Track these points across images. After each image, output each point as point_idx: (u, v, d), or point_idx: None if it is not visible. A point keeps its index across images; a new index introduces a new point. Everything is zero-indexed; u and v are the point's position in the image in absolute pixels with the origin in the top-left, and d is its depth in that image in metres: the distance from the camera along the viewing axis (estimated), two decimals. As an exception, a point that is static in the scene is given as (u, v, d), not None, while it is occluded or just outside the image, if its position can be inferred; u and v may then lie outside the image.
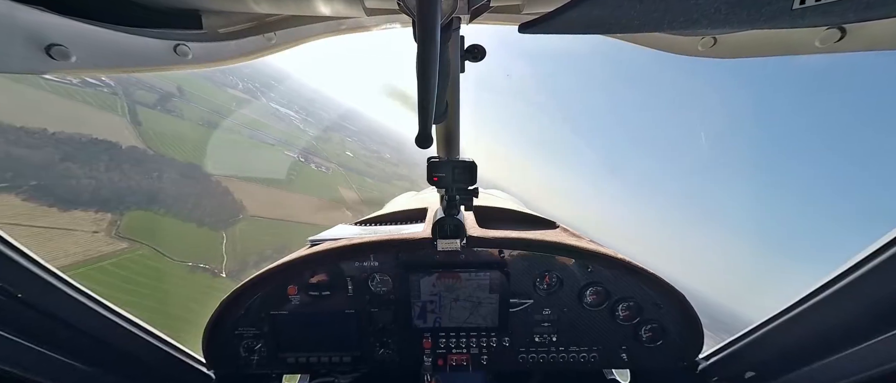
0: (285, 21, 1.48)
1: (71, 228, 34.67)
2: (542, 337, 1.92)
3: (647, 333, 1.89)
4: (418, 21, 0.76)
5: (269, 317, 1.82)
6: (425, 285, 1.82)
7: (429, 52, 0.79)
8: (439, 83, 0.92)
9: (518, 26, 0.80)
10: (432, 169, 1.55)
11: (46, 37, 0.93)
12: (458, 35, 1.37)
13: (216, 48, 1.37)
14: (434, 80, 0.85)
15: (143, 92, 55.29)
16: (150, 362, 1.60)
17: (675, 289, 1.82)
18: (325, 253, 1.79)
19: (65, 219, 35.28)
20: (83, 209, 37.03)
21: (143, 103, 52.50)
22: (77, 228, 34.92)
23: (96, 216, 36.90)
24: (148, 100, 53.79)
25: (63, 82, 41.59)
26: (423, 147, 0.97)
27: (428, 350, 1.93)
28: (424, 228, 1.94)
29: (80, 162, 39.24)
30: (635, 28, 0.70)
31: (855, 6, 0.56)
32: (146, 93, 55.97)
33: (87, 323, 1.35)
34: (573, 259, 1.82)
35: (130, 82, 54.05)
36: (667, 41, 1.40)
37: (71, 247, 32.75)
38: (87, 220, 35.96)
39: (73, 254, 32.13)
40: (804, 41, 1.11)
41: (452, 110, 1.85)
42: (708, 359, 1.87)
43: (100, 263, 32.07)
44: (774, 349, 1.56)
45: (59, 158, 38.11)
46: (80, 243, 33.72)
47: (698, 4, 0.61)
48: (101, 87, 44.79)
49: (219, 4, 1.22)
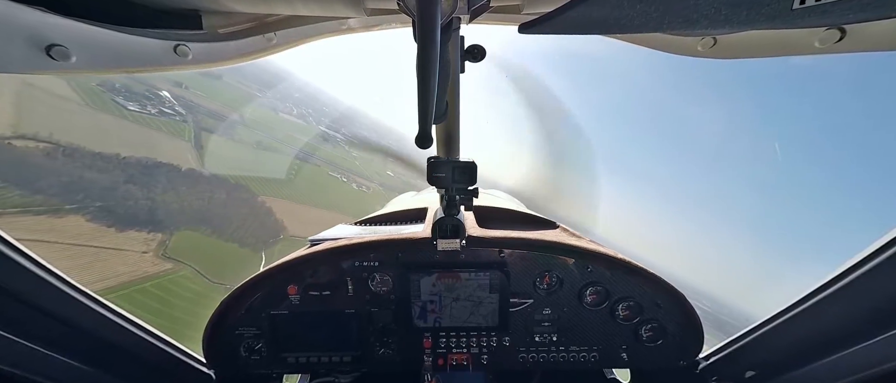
0: (285, 21, 1.48)
1: (123, 249, 35.67)
2: (542, 336, 1.93)
3: (648, 333, 1.89)
4: (418, 21, 0.76)
5: (269, 317, 1.82)
6: (425, 285, 1.82)
7: (429, 52, 0.79)
8: (439, 83, 0.92)
9: (518, 26, 0.80)
10: (432, 169, 1.55)
11: (46, 37, 0.93)
12: (458, 35, 1.37)
13: (216, 48, 1.37)
14: (434, 79, 0.85)
15: (210, 119, 58.03)
16: (150, 362, 1.60)
17: (676, 289, 1.82)
18: (325, 252, 1.79)
19: (120, 238, 36.45)
20: (137, 229, 38.15)
21: (208, 129, 54.77)
22: (129, 249, 35.92)
23: (148, 236, 37.96)
24: (212, 127, 56.26)
25: (142, 112, 43.71)
26: (423, 147, 0.97)
27: (428, 349, 1.93)
28: (424, 228, 1.94)
29: (141, 184, 40.86)
30: (635, 28, 0.70)
31: (855, 6, 0.56)
32: (212, 120, 58.65)
33: (87, 323, 1.35)
34: (573, 259, 1.82)
35: (200, 111, 56.52)
36: (667, 41, 1.40)
37: (120, 267, 33.56)
38: (139, 240, 37.11)
39: (121, 274, 32.92)
40: (804, 41, 1.10)
41: (452, 110, 1.85)
42: (708, 359, 1.87)
43: (143, 284, 32.71)
44: (774, 349, 1.56)
45: (123, 181, 39.62)
46: (128, 263, 34.60)
47: (698, 4, 0.61)
48: (173, 116, 46.85)
49: (219, 4, 1.22)
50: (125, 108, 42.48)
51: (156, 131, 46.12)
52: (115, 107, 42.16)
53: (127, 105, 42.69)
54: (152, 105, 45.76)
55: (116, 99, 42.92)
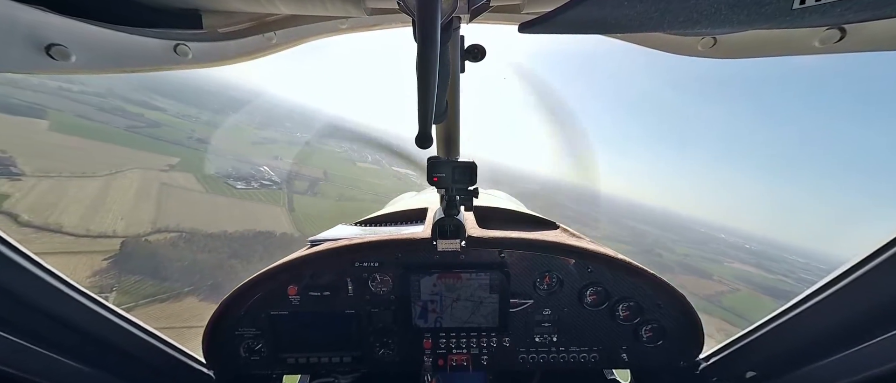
0: (285, 21, 1.48)
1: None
2: (542, 337, 1.92)
3: (648, 333, 1.89)
4: (418, 21, 0.76)
5: (269, 318, 1.82)
6: (425, 285, 1.82)
7: (429, 52, 0.79)
8: (439, 83, 0.92)
9: (518, 26, 0.80)
10: (432, 169, 1.55)
11: (46, 37, 0.93)
12: (458, 35, 1.37)
13: (216, 48, 1.37)
14: (434, 79, 0.85)
15: (299, 182, 61.08)
16: (150, 362, 1.60)
17: (676, 290, 1.82)
18: (325, 253, 1.79)
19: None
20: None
21: (298, 191, 57.45)
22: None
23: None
24: (301, 188, 58.64)
25: (248, 188, 47.15)
26: (422, 147, 0.97)
27: (428, 350, 1.93)
28: (424, 228, 1.94)
29: (242, 257, 43.14)
30: (635, 28, 0.70)
31: (855, 6, 0.56)
32: (301, 182, 61.82)
33: (87, 323, 1.35)
34: (573, 259, 1.82)
35: (289, 175, 60.31)
36: (667, 41, 1.40)
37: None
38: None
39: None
40: (804, 41, 1.10)
41: (452, 110, 1.85)
42: (708, 359, 1.87)
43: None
44: (775, 349, 1.56)
45: (227, 256, 41.60)
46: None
47: (698, 4, 0.61)
48: (270, 186, 51.38)
49: (219, 4, 1.22)
50: (234, 188, 45.82)
51: (257, 202, 49.20)
52: (227, 188, 45.17)
53: (236, 184, 46.41)
54: (255, 180, 49.61)
55: (228, 181, 46.24)
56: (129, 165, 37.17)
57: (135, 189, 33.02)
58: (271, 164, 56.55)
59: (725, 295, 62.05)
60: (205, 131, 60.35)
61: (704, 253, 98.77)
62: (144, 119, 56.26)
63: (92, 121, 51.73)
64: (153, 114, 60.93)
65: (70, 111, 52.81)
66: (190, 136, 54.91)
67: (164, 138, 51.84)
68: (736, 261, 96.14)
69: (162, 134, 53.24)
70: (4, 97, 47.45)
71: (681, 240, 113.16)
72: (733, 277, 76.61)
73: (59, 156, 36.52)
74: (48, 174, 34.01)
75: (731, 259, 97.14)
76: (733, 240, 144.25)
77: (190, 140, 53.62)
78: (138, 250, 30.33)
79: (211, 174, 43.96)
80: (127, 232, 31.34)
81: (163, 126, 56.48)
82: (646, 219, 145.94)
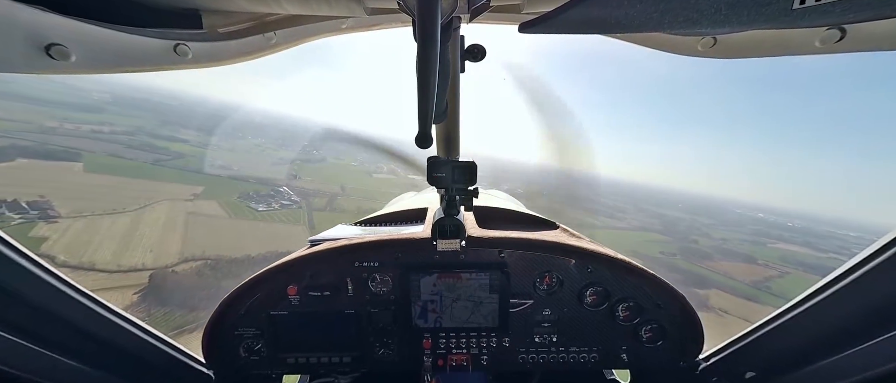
0: (285, 21, 1.48)
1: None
2: (542, 337, 1.92)
3: (647, 333, 1.89)
4: (418, 21, 0.76)
5: (268, 318, 1.82)
6: (425, 285, 1.82)
7: (429, 52, 0.79)
8: (439, 83, 0.92)
9: (518, 26, 0.80)
10: (432, 168, 1.55)
11: (46, 37, 0.93)
12: (458, 35, 1.37)
13: (216, 48, 1.37)
14: (434, 79, 0.85)
15: (317, 199, 61.73)
16: (149, 362, 1.60)
17: (675, 290, 1.82)
18: (325, 253, 1.79)
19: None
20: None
21: (317, 208, 58.64)
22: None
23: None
24: (320, 205, 59.61)
25: (269, 209, 47.93)
26: (422, 147, 0.97)
27: (428, 350, 1.93)
28: (424, 228, 1.94)
29: None
30: (635, 28, 0.70)
31: (855, 6, 0.56)
32: (320, 199, 62.52)
33: (86, 322, 1.35)
34: (573, 259, 1.82)
35: (308, 193, 60.78)
36: (667, 41, 1.40)
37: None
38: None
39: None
40: (804, 41, 1.11)
41: (452, 110, 1.84)
42: (708, 360, 1.87)
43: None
44: (775, 349, 1.56)
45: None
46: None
47: (698, 4, 0.61)
48: (291, 205, 52.27)
49: (219, 4, 1.22)
50: (256, 210, 46.16)
51: (278, 223, 50.14)
52: (249, 211, 45.53)
53: (257, 207, 46.75)
54: (275, 200, 50.02)
55: (250, 205, 46.67)
56: (157, 197, 37.73)
57: (163, 221, 33.45)
58: (291, 184, 57.77)
59: (774, 280, 56.86)
60: (227, 157, 61.36)
61: (744, 235, 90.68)
62: (170, 151, 57.58)
63: (122, 158, 53.23)
64: (177, 146, 62.30)
65: (102, 151, 54.23)
66: (212, 164, 55.66)
67: (188, 168, 52.86)
68: (780, 241, 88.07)
69: (186, 164, 54.30)
70: (43, 144, 48.62)
71: (716, 223, 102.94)
72: (780, 260, 70.61)
73: (92, 195, 37.14)
74: (82, 214, 34.48)
75: (775, 239, 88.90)
76: (773, 220, 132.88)
77: (212, 167, 54.35)
78: (166, 281, 30.74)
79: (233, 199, 44.64)
80: (156, 263, 31.77)
81: (187, 157, 57.50)
82: (674, 205, 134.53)
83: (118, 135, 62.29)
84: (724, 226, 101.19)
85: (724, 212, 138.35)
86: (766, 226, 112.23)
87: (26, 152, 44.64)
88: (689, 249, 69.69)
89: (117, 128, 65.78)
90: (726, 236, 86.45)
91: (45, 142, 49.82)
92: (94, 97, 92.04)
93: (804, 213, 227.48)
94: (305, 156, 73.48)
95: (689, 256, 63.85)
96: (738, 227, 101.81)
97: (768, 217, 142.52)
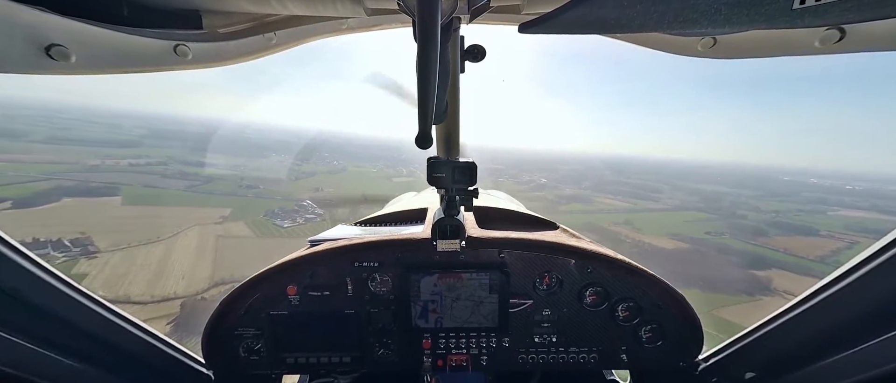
0: (285, 21, 1.49)
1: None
2: (541, 337, 1.92)
3: (647, 334, 1.89)
4: (418, 21, 0.76)
5: (268, 318, 1.82)
6: (425, 285, 1.82)
7: (429, 52, 0.79)
8: (439, 83, 0.92)
9: (518, 26, 0.80)
10: (432, 169, 1.55)
11: (46, 37, 0.93)
12: (458, 35, 1.37)
13: (216, 48, 1.37)
14: (434, 79, 0.85)
15: (340, 210, 61.01)
16: (149, 362, 1.60)
17: (675, 290, 1.82)
18: (325, 253, 1.79)
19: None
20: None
21: (340, 220, 59.60)
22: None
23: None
24: (343, 216, 59.60)
25: (294, 225, 47.66)
26: (422, 147, 0.97)
27: (427, 350, 1.93)
28: (424, 229, 1.94)
29: None
30: (635, 28, 0.70)
31: (855, 6, 0.56)
32: (343, 210, 62.23)
33: (86, 323, 1.35)
34: (573, 259, 1.82)
35: (331, 203, 61.71)
36: (667, 41, 1.40)
37: None
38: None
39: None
40: (804, 41, 1.11)
41: (452, 110, 1.84)
42: (708, 360, 1.87)
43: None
44: (775, 349, 1.56)
45: None
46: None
47: (698, 4, 0.61)
48: (314, 219, 53.04)
49: (219, 4, 1.22)
50: (281, 227, 45.99)
51: (304, 238, 49.69)
52: (275, 229, 45.41)
53: (282, 224, 46.79)
54: (299, 215, 49.84)
55: (275, 221, 46.77)
56: (188, 223, 38.09)
57: (194, 246, 33.71)
58: (314, 196, 58.55)
59: (842, 253, 48.42)
60: (253, 177, 62.20)
61: (800, 205, 79.94)
62: (200, 177, 58.53)
63: (157, 188, 54.01)
64: (208, 170, 63.26)
65: (138, 183, 54.92)
66: (240, 185, 56.14)
67: (217, 191, 53.24)
68: (842, 207, 77.07)
69: (215, 188, 54.74)
70: (85, 182, 49.73)
71: (764, 194, 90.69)
72: (845, 228, 61.07)
73: (129, 227, 37.49)
74: (119, 246, 34.76)
75: (835, 206, 77.78)
76: (830, 184, 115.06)
77: (240, 188, 54.77)
78: (197, 309, 31.05)
79: (259, 218, 45.09)
80: (187, 291, 31.92)
81: (216, 180, 58.20)
82: (711, 178, 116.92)
83: (153, 166, 63.49)
84: (773, 196, 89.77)
85: (769, 182, 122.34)
86: (822, 192, 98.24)
87: (71, 191, 45.36)
88: (738, 226, 62.46)
89: (152, 160, 67.22)
90: (778, 208, 76.89)
91: (88, 180, 50.79)
92: (134, 133, 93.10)
93: (865, 174, 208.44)
94: (325, 168, 73.43)
95: (740, 234, 56.10)
96: (790, 197, 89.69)
97: (822, 182, 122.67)
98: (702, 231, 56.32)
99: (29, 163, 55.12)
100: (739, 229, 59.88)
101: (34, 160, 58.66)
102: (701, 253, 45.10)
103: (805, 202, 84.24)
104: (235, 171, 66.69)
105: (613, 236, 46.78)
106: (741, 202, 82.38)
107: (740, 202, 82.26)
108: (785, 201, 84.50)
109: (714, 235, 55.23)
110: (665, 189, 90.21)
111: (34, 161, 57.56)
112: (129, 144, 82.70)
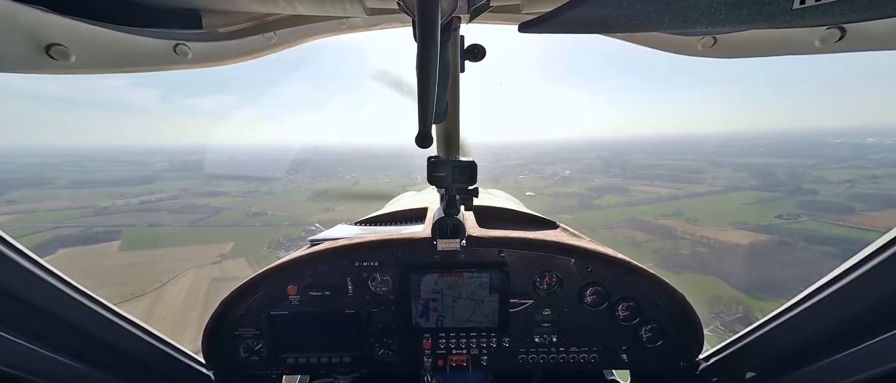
0: (285, 21, 1.48)
1: None
2: (542, 337, 1.92)
3: (647, 333, 1.89)
4: (418, 21, 0.76)
5: (268, 318, 1.81)
6: (425, 285, 1.82)
7: (429, 52, 0.79)
8: (439, 83, 0.92)
9: (518, 26, 0.80)
10: (432, 168, 1.55)
11: (46, 36, 0.93)
12: (458, 35, 1.37)
13: (216, 48, 1.37)
14: (434, 79, 0.85)
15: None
16: (149, 362, 1.60)
17: (675, 290, 1.82)
18: (325, 253, 1.79)
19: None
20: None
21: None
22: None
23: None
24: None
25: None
26: (423, 147, 0.97)
27: (428, 350, 1.93)
28: (424, 228, 1.94)
29: None
30: (635, 28, 0.70)
31: (855, 6, 0.56)
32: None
33: (86, 323, 1.35)
34: (573, 259, 1.82)
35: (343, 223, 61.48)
36: (667, 41, 1.40)
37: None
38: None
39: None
40: (804, 41, 1.11)
41: (452, 110, 1.84)
42: (708, 360, 1.87)
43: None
44: (775, 349, 1.56)
45: None
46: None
47: (698, 4, 0.61)
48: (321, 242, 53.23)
49: (219, 4, 1.22)
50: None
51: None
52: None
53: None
54: (305, 242, 52.29)
55: (278, 253, 47.30)
56: (184, 266, 37.12)
57: (182, 298, 32.75)
58: (323, 217, 58.63)
59: None
60: (264, 203, 60.84)
61: (876, 170, 62.76)
62: (209, 209, 57.10)
63: (161, 225, 52.34)
64: (218, 200, 61.49)
65: (143, 222, 53.29)
66: (247, 213, 55.07)
67: (222, 223, 51.70)
68: None
69: (221, 220, 53.17)
70: (88, 229, 47.57)
71: (823, 161, 73.37)
72: None
73: (120, 277, 36.45)
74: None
75: None
76: (892, 142, 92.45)
77: (247, 217, 53.59)
78: None
79: (262, 252, 44.69)
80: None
81: (223, 211, 57.00)
82: (753, 151, 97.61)
83: (163, 202, 61.16)
84: (837, 163, 71.47)
85: (823, 147, 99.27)
86: (888, 151, 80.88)
87: (69, 240, 43.49)
88: (813, 204, 47.41)
89: (164, 195, 65.06)
90: (850, 177, 59.59)
91: (92, 225, 48.96)
92: (155, 168, 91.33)
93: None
94: (337, 184, 72.29)
95: (820, 214, 42.87)
96: (858, 161, 72.68)
97: (885, 140, 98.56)
98: (770, 214, 43.71)
99: (42, 212, 53.56)
100: (816, 208, 46.43)
101: (47, 208, 56.49)
102: (787, 244, 34.10)
103: (878, 165, 67.64)
104: (245, 198, 66.11)
105: (667, 232, 37.07)
106: (798, 175, 65.24)
107: (797, 175, 65.29)
108: (854, 168, 66.77)
109: (788, 219, 42.21)
110: (706, 168, 74.29)
111: (47, 209, 55.36)
112: (145, 181, 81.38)
